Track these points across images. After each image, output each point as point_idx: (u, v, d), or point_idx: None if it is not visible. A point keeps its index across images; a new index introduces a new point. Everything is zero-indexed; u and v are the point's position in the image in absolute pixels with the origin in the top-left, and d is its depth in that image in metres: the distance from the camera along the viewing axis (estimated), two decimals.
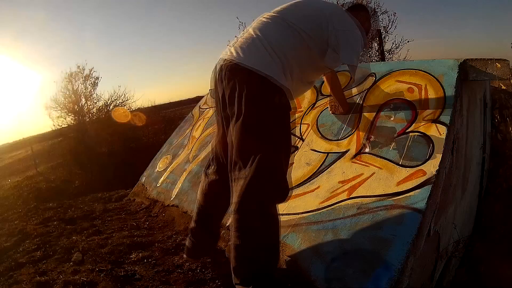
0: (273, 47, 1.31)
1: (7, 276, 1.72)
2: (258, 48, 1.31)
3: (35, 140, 13.32)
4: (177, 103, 13.40)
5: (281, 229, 1.60)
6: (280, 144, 1.31)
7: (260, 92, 1.27)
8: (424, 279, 1.48)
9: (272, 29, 1.38)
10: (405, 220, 1.31)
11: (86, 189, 5.71)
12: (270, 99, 1.27)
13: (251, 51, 1.31)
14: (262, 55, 1.30)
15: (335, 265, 1.32)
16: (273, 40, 1.33)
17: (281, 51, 1.32)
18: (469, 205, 2.11)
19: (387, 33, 6.18)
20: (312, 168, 1.79)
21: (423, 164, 1.44)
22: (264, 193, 1.28)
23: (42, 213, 2.98)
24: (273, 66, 1.29)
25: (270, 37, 1.34)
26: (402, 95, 1.76)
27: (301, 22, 1.38)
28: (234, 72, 1.30)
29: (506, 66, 1.55)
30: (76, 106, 9.63)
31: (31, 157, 9.36)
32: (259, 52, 1.31)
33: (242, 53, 1.31)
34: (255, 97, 1.27)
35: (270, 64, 1.29)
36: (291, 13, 1.42)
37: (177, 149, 3.10)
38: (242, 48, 1.33)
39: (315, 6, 1.47)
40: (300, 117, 2.18)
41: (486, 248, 1.95)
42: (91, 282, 1.56)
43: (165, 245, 1.97)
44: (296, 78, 1.39)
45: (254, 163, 1.26)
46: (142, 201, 2.90)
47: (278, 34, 1.36)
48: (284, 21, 1.39)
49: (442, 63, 1.74)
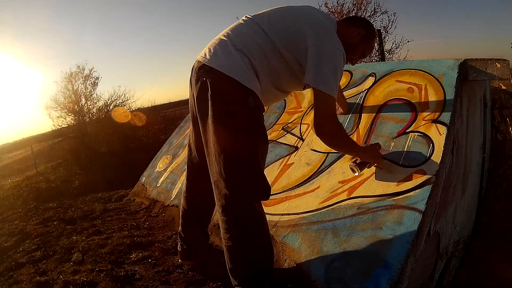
0: (242, 49, 1.27)
1: (7, 276, 1.72)
2: (225, 49, 1.28)
3: (35, 140, 13.34)
4: (177, 103, 13.40)
5: (281, 229, 1.61)
6: (257, 143, 1.30)
7: (229, 94, 1.25)
8: (424, 279, 1.48)
9: (241, 31, 1.34)
10: (405, 220, 1.31)
11: (86, 189, 5.71)
12: (243, 100, 1.25)
13: (217, 53, 1.29)
14: (228, 57, 1.27)
15: (335, 265, 1.32)
16: (240, 42, 1.29)
17: (249, 53, 1.27)
18: (469, 205, 2.11)
19: (387, 33, 6.20)
20: (312, 168, 1.79)
21: (423, 164, 1.44)
22: (245, 192, 1.29)
23: (42, 213, 2.99)
24: (239, 68, 1.25)
25: (238, 39, 1.30)
26: (402, 95, 1.76)
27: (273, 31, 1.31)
28: (202, 73, 1.28)
29: (506, 66, 1.55)
30: (76, 106, 9.65)
31: (31, 157, 9.36)
32: (226, 53, 1.28)
33: (209, 55, 1.30)
34: (225, 97, 1.25)
35: (236, 66, 1.25)
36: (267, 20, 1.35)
37: (177, 149, 3.10)
38: (210, 50, 1.31)
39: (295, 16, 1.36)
40: (300, 117, 2.18)
41: (486, 248, 1.95)
42: (91, 282, 1.56)
43: (165, 245, 1.97)
44: (265, 83, 1.33)
45: (232, 163, 1.26)
46: (142, 201, 2.90)
47: (248, 37, 1.31)
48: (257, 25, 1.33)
49: (442, 63, 1.74)
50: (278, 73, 1.35)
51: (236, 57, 1.26)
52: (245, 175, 1.29)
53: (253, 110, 1.28)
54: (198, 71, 1.31)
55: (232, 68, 1.24)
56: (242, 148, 1.27)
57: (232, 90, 1.24)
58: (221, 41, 1.33)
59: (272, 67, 1.33)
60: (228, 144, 1.26)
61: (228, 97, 1.25)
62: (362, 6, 6.16)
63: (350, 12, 6.14)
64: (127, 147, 8.26)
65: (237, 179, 1.28)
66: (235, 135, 1.26)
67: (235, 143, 1.26)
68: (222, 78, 1.24)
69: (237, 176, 1.28)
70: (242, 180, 1.28)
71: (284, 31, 1.31)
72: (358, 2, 6.14)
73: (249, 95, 1.25)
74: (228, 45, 1.29)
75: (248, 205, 1.30)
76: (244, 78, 1.24)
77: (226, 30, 1.38)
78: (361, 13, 6.17)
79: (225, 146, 1.26)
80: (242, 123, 1.26)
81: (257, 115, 1.31)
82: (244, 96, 1.25)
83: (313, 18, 1.37)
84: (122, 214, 2.70)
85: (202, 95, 1.28)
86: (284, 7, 1.42)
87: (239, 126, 1.26)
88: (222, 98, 1.25)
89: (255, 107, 1.28)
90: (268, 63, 1.31)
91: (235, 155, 1.27)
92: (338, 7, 6.16)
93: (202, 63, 1.29)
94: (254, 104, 1.27)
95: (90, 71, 9.86)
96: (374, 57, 5.79)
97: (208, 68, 1.27)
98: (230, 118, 1.25)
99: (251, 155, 1.29)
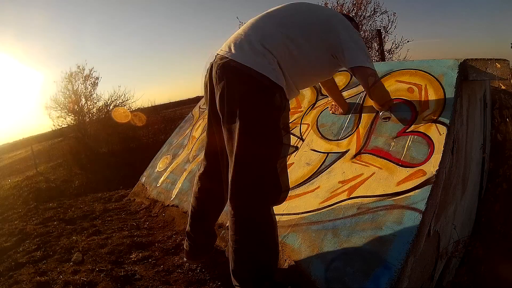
0: (268, 44, 1.25)
1: (7, 276, 1.72)
2: (251, 45, 1.26)
3: (35, 140, 13.34)
4: (177, 103, 13.42)
5: (281, 229, 1.60)
6: (277, 146, 1.28)
7: (257, 91, 1.21)
8: (424, 279, 1.48)
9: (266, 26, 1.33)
10: (405, 220, 1.31)
11: (86, 189, 5.71)
12: (269, 98, 1.22)
13: (244, 48, 1.26)
14: (255, 53, 1.24)
15: (335, 265, 1.32)
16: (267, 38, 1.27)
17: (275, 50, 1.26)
18: (469, 205, 2.11)
19: (387, 33, 6.19)
20: (312, 168, 1.79)
21: (423, 164, 1.44)
22: (260, 196, 1.27)
23: (42, 213, 2.99)
24: (268, 63, 1.23)
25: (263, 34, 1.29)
26: (402, 95, 1.76)
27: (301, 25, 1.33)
28: (226, 70, 1.25)
29: (506, 66, 1.55)
30: (76, 106, 9.64)
31: (31, 157, 9.36)
32: (252, 49, 1.25)
33: (234, 50, 1.26)
34: (251, 96, 1.22)
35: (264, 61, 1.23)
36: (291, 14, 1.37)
37: (177, 149, 3.10)
38: (235, 44, 1.28)
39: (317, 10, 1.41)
40: (300, 117, 2.18)
41: (486, 248, 1.95)
42: (91, 282, 1.56)
43: (165, 245, 1.97)
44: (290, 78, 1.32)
45: (250, 165, 1.25)
46: (142, 201, 2.90)
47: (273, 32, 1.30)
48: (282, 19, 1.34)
49: (442, 63, 1.74)
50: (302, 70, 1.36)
51: (264, 52, 1.24)
52: (262, 179, 1.26)
53: (278, 110, 1.25)
54: (222, 68, 1.26)
55: (260, 63, 1.21)
56: (266, 151, 1.24)
57: (260, 87, 1.21)
58: (246, 36, 1.29)
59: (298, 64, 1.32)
60: (253, 146, 1.23)
61: (254, 96, 1.22)
62: (362, 6, 6.16)
63: (350, 12, 6.14)
64: (127, 147, 8.27)
65: (254, 182, 1.25)
66: (260, 138, 1.23)
67: (260, 145, 1.23)
68: (250, 74, 1.20)
69: (254, 179, 1.25)
70: (258, 184, 1.26)
71: (313, 23, 1.35)
72: (358, 2, 6.13)
73: (276, 92, 1.23)
74: (254, 41, 1.26)
75: (261, 209, 1.28)
76: (273, 74, 1.22)
77: (249, 25, 1.35)
78: (361, 13, 6.17)
79: (249, 148, 1.23)
80: (268, 124, 1.23)
81: (282, 116, 1.28)
82: (271, 94, 1.22)
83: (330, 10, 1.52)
84: (122, 214, 2.70)
85: (227, 94, 1.24)
86: (298, 2, 1.45)
87: (265, 128, 1.23)
88: (248, 98, 1.22)
89: (280, 107, 1.25)
90: (295, 61, 1.31)
91: (256, 157, 1.24)
92: (338, 7, 6.16)
93: (228, 58, 1.25)
94: (279, 104, 1.24)
95: (90, 71, 9.86)
96: (374, 57, 5.79)
97: (235, 64, 1.23)
98: (256, 119, 1.22)
99: (271, 158, 1.26)
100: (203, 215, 1.61)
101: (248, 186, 1.25)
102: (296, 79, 1.35)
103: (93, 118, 9.74)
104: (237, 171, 1.25)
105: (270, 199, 1.30)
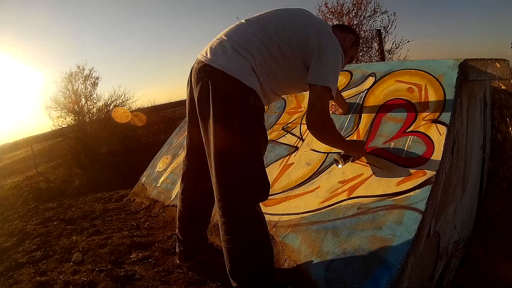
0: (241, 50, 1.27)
1: (7, 276, 1.72)
2: (226, 50, 1.28)
3: (35, 140, 13.36)
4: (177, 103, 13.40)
5: (281, 229, 1.61)
6: (258, 143, 1.30)
7: (231, 93, 1.24)
8: (424, 279, 1.48)
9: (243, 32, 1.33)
10: (405, 220, 1.31)
11: (86, 189, 5.72)
12: (244, 99, 1.24)
13: (218, 53, 1.28)
14: (230, 57, 1.26)
15: (335, 265, 1.33)
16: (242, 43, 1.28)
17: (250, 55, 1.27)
18: (469, 205, 2.11)
19: (387, 33, 6.20)
20: (312, 168, 1.79)
21: (423, 164, 1.44)
22: (247, 194, 1.28)
23: (42, 213, 2.99)
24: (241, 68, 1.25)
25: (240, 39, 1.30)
26: (402, 95, 1.76)
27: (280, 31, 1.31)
28: (203, 74, 1.28)
29: (506, 66, 1.55)
30: (76, 106, 9.65)
31: (31, 157, 9.36)
32: (227, 53, 1.27)
33: (210, 55, 1.29)
34: (226, 97, 1.24)
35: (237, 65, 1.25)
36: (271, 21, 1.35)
37: (177, 149, 3.10)
38: (211, 49, 1.31)
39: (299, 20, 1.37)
40: (300, 117, 2.18)
41: (486, 248, 1.95)
42: (91, 282, 1.56)
43: (165, 245, 1.97)
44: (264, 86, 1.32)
45: (233, 164, 1.26)
46: (142, 201, 2.90)
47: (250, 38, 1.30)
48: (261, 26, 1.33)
49: (442, 63, 1.74)
50: (276, 78, 1.34)
51: (237, 57, 1.26)
52: (246, 177, 1.28)
53: (254, 109, 1.28)
54: (198, 72, 1.30)
55: (233, 67, 1.24)
56: (243, 149, 1.26)
57: (233, 89, 1.23)
58: (222, 41, 1.32)
59: (272, 72, 1.32)
60: (229, 145, 1.25)
61: (229, 97, 1.24)
62: (362, 6, 6.17)
63: (350, 12, 6.15)
64: (127, 147, 8.27)
65: (238, 180, 1.27)
66: (237, 136, 1.25)
67: (236, 144, 1.25)
68: (223, 77, 1.23)
69: (238, 177, 1.27)
70: (243, 182, 1.27)
71: (291, 31, 1.32)
72: (358, 2, 6.14)
73: (250, 94, 1.25)
74: (229, 46, 1.28)
75: (248, 207, 1.29)
76: (245, 78, 1.24)
77: (227, 30, 1.37)
78: (361, 13, 6.18)
79: (226, 147, 1.25)
80: (243, 123, 1.25)
81: (258, 115, 1.30)
82: (245, 95, 1.25)
83: (315, 20, 1.41)
84: (122, 214, 2.70)
85: (203, 96, 1.27)
86: (282, 9, 1.42)
87: (240, 127, 1.25)
88: (223, 99, 1.24)
89: (256, 107, 1.28)
90: (269, 68, 1.31)
91: (236, 156, 1.26)
92: (338, 7, 6.16)
93: (204, 63, 1.29)
94: (255, 104, 1.27)
95: (90, 71, 9.87)
96: (374, 57, 5.79)
97: (209, 68, 1.26)
98: (231, 118, 1.24)
99: (252, 156, 1.28)
100: (188, 217, 1.61)
101: (230, 185, 1.27)
102: (272, 85, 1.36)
103: (93, 118, 9.75)
104: (219, 172, 1.27)
105: (258, 196, 1.31)
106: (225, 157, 1.26)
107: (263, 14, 1.40)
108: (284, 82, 1.38)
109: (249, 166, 1.28)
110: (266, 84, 1.33)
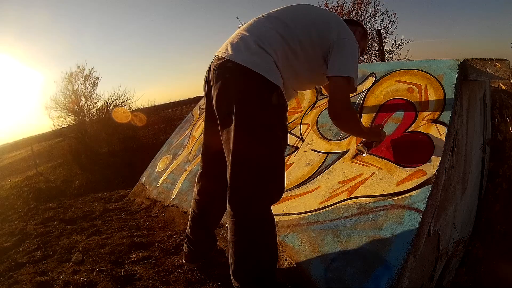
0: (264, 45, 1.24)
1: (7, 276, 1.72)
2: (248, 45, 1.24)
3: (35, 140, 13.35)
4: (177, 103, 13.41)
5: (281, 229, 1.61)
6: (279, 144, 1.27)
7: (253, 90, 1.20)
8: (424, 279, 1.48)
9: (264, 27, 1.31)
10: (405, 220, 1.31)
11: (86, 189, 5.72)
12: (266, 97, 1.21)
13: (241, 48, 1.25)
14: (253, 52, 1.23)
15: (335, 265, 1.32)
16: (264, 38, 1.26)
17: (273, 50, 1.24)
18: (469, 205, 2.11)
19: (387, 33, 6.20)
20: (312, 168, 1.79)
21: (423, 164, 1.44)
22: (263, 194, 1.27)
23: (42, 213, 2.99)
24: (265, 63, 1.21)
25: (261, 35, 1.27)
26: (402, 95, 1.76)
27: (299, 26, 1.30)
28: (224, 69, 1.24)
29: (506, 66, 1.55)
30: (76, 106, 9.66)
31: (31, 157, 9.36)
32: (249, 49, 1.23)
33: (231, 50, 1.25)
34: (248, 95, 1.21)
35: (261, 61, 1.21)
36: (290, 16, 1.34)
37: (177, 149, 3.10)
38: (232, 45, 1.27)
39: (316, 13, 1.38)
40: (300, 117, 2.18)
41: (486, 248, 1.95)
42: (91, 282, 1.56)
43: (165, 245, 1.97)
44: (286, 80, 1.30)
45: (248, 165, 1.24)
46: (142, 201, 2.90)
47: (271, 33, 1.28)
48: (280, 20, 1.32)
49: (442, 63, 1.74)
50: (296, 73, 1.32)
51: (262, 53, 1.22)
52: (264, 178, 1.25)
53: (277, 108, 1.24)
54: (219, 68, 1.25)
55: (259, 63, 1.20)
56: (263, 150, 1.23)
57: (257, 86, 1.19)
58: (243, 36, 1.28)
59: (293, 67, 1.30)
60: (249, 145, 1.22)
61: (252, 95, 1.20)
62: (362, 6, 6.17)
63: (350, 12, 6.15)
64: (127, 147, 8.28)
65: (256, 181, 1.24)
66: (257, 136, 1.22)
67: (257, 144, 1.22)
68: (247, 74, 1.19)
69: (256, 178, 1.24)
70: (261, 183, 1.24)
71: (310, 25, 1.31)
72: (358, 2, 6.14)
73: (274, 91, 1.21)
74: (252, 41, 1.25)
75: (263, 207, 1.27)
76: (271, 74, 1.20)
77: (247, 26, 1.34)
78: (361, 13, 6.18)
79: (246, 148, 1.22)
80: (265, 123, 1.22)
81: (281, 114, 1.27)
82: (268, 93, 1.21)
83: (329, 13, 1.44)
84: (122, 214, 2.70)
85: (224, 94, 1.23)
86: (297, 5, 1.42)
87: (262, 127, 1.22)
88: (245, 97, 1.21)
89: (278, 106, 1.24)
90: (290, 63, 1.29)
91: (256, 157, 1.23)
92: (338, 7, 6.16)
93: (225, 59, 1.24)
94: (277, 102, 1.23)
95: (90, 71, 9.89)
96: (374, 57, 5.79)
97: (231, 64, 1.22)
98: (253, 118, 1.21)
99: (273, 158, 1.25)
100: (203, 218, 1.60)
101: (247, 186, 1.25)
102: (292, 81, 1.34)
103: (93, 118, 9.76)
104: (235, 172, 1.24)
105: (270, 198, 1.30)
106: (244, 158, 1.23)
107: (281, 10, 1.39)
108: (303, 77, 1.37)
109: (268, 168, 1.25)
110: (288, 80, 1.30)
